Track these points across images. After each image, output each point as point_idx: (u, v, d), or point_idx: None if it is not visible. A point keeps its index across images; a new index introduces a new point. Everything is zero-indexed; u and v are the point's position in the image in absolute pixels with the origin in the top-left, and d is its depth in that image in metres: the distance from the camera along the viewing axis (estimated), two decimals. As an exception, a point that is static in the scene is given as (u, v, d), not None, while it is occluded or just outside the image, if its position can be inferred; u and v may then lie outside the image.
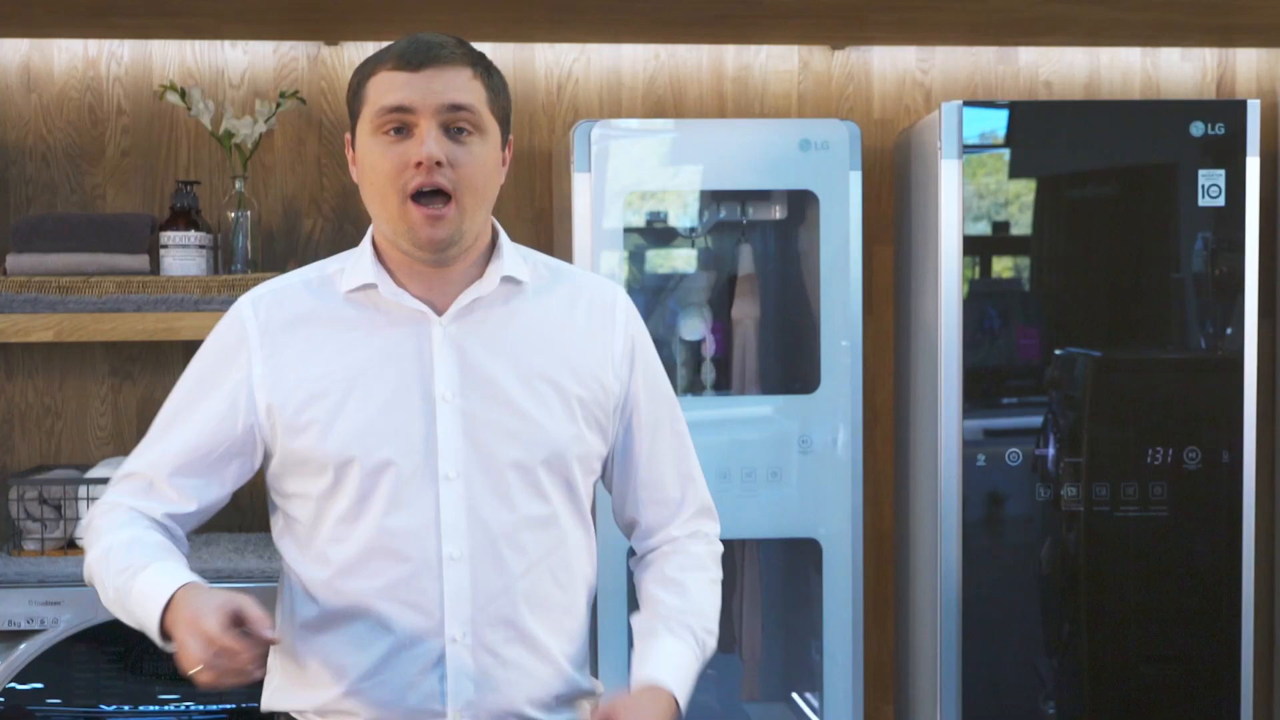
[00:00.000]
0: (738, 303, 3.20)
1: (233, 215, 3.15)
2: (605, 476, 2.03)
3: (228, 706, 2.82)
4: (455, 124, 1.81)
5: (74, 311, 2.96)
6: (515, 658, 1.91)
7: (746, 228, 3.24)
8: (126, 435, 3.34)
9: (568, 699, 1.96)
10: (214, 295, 3.01)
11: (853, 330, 3.06)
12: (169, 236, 3.07)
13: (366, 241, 1.93)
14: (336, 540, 1.89)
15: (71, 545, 2.96)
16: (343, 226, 3.34)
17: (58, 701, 2.82)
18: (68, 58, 3.26)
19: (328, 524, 1.89)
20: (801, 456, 3.04)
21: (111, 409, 3.34)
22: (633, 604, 2.08)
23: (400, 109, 1.79)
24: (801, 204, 3.17)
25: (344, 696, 1.90)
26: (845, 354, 3.06)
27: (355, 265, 1.91)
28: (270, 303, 1.93)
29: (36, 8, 2.94)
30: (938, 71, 3.49)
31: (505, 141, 1.89)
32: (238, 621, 1.74)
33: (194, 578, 1.81)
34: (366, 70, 1.85)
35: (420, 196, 1.80)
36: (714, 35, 3.30)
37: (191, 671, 1.74)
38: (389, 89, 1.81)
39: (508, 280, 1.90)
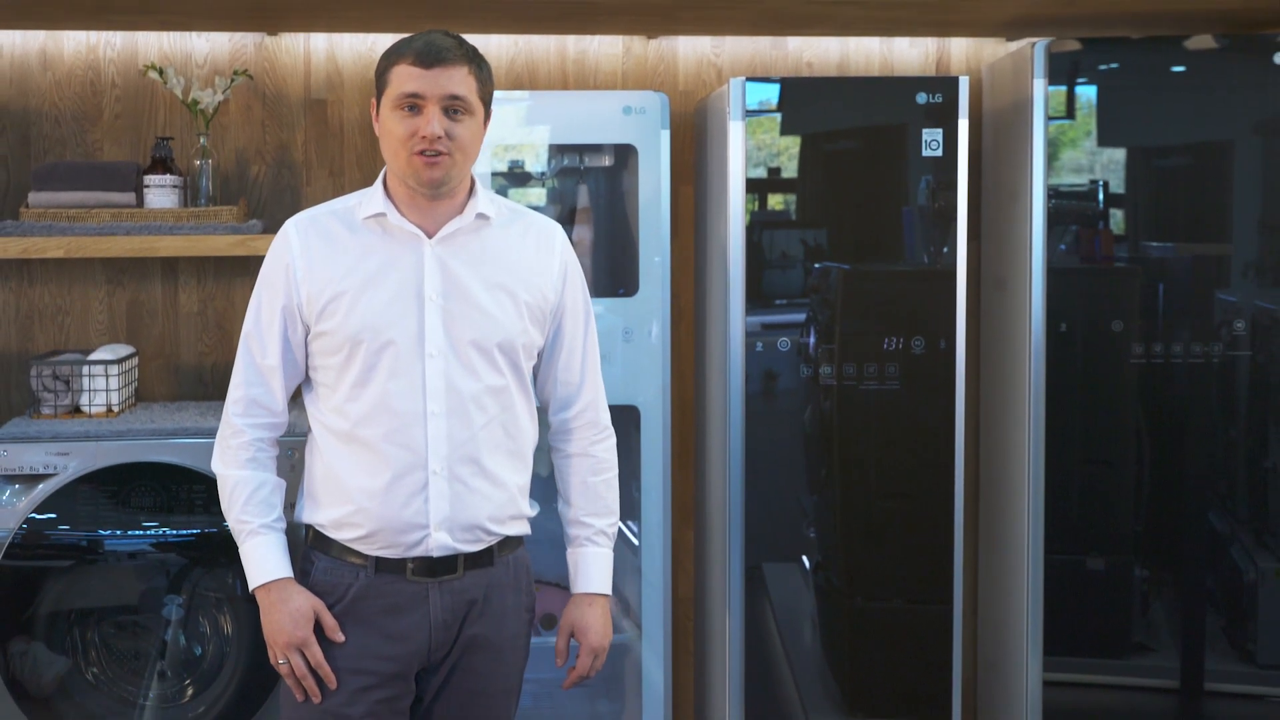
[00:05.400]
0: (577, 228, 3.39)
1: (198, 163, 3.32)
2: (535, 366, 2.22)
3: (194, 531, 2.97)
4: (453, 108, 2.04)
5: (79, 235, 3.12)
6: (479, 486, 2.13)
7: (583, 172, 3.42)
8: (118, 327, 3.50)
9: (516, 517, 2.22)
10: (184, 224, 3.17)
11: (663, 249, 3.26)
12: (150, 179, 3.25)
13: (379, 182, 2.13)
14: (351, 400, 2.10)
15: (78, 410, 3.14)
16: (280, 172, 3.51)
17: (67, 528, 2.95)
18: (74, 44, 3.43)
19: (345, 387, 2.10)
20: (625, 344, 3.26)
21: (107, 308, 3.50)
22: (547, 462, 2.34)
23: (414, 95, 2.03)
24: (625, 154, 3.34)
25: (355, 512, 2.13)
26: (658, 267, 3.27)
27: (369, 199, 2.12)
28: (307, 223, 2.15)
29: (51, 6, 3.10)
30: (727, 55, 3.64)
31: (487, 115, 2.12)
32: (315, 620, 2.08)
33: (287, 569, 2.10)
34: (392, 59, 2.05)
35: (423, 152, 2.03)
36: (559, 27, 3.45)
37: (277, 662, 2.09)
38: (407, 79, 2.03)
39: (480, 216, 2.13)
